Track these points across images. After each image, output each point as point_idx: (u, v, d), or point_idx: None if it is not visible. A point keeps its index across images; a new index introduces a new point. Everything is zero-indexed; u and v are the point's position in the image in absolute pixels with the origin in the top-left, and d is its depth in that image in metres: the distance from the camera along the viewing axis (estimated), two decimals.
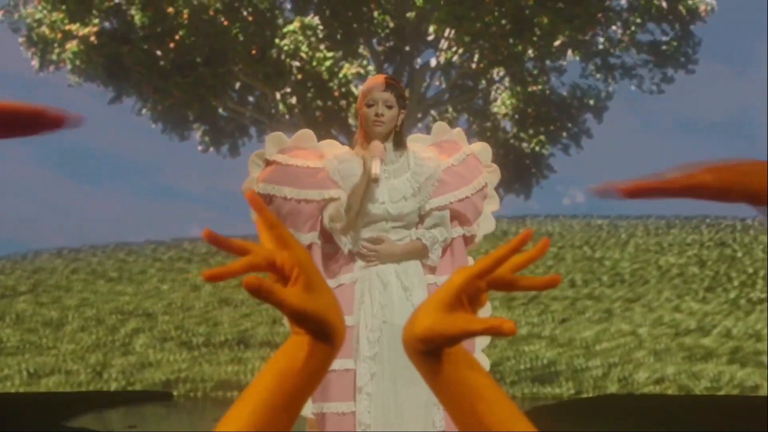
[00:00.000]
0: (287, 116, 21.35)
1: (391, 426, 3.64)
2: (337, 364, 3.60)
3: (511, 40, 20.54)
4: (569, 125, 23.68)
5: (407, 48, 22.19)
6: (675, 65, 23.16)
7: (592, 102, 23.75)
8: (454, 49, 21.27)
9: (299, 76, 20.42)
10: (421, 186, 3.80)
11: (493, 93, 23.95)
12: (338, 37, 21.46)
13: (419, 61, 22.40)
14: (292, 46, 20.09)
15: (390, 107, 3.73)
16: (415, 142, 3.95)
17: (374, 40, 22.40)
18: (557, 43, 21.74)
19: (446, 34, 20.95)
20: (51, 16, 20.85)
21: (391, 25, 21.88)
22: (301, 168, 3.75)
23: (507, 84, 23.58)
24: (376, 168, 3.62)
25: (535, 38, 20.70)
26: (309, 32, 20.28)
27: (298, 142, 3.83)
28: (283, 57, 20.21)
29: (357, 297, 3.72)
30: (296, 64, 20.32)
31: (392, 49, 22.46)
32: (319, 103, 20.88)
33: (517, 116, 23.69)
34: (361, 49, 22.52)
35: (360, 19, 21.67)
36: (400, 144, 3.84)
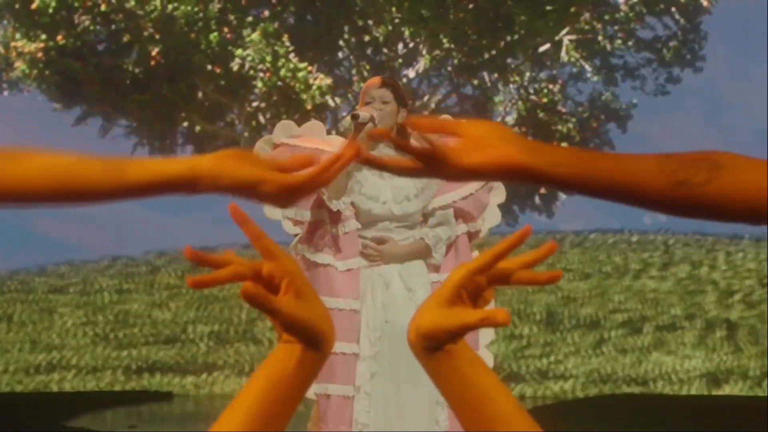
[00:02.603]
0: (263, 133, 19.47)
1: (391, 426, 3.64)
2: (344, 347, 3.64)
3: (486, 41, 19.47)
4: (588, 136, 22.07)
5: (387, 53, 21.05)
6: (680, 63, 21.65)
7: (603, 111, 22.14)
8: (435, 53, 20.07)
9: (263, 89, 18.97)
10: (425, 186, 3.80)
11: (509, 105, 22.58)
12: (315, 46, 20.12)
13: (407, 70, 21.14)
14: (257, 57, 18.71)
15: (386, 103, 3.75)
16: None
17: (369, 50, 21.36)
18: (545, 47, 20.61)
19: (423, 38, 19.88)
20: (6, 33, 19.56)
21: (380, 33, 20.83)
22: (308, 148, 3.77)
23: (516, 94, 22.33)
24: (365, 111, 3.65)
25: (512, 37, 19.56)
26: (272, 41, 18.84)
27: (307, 132, 3.85)
28: (246, 68, 18.86)
29: (361, 289, 3.72)
30: (261, 75, 18.90)
31: (384, 57, 21.24)
32: (286, 117, 19.26)
33: (517, 128, 22.34)
34: (348, 61, 21.53)
35: (351, 28, 20.80)
36: None
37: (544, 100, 21.83)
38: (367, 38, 21.07)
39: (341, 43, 21.17)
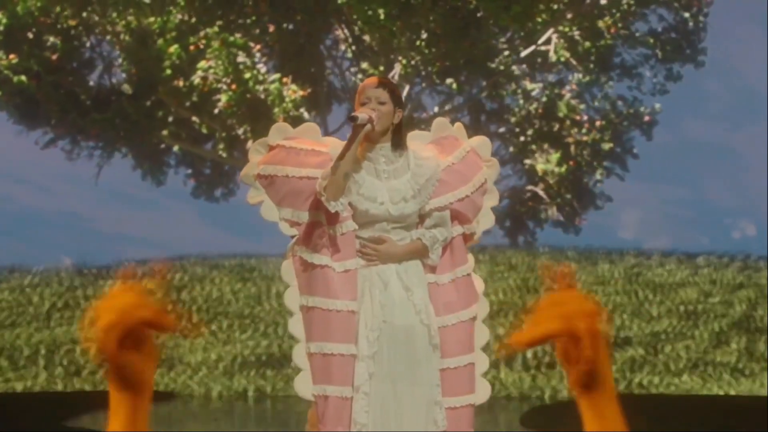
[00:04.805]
0: (237, 149, 18.75)
1: (390, 426, 3.65)
2: (341, 348, 3.65)
3: (456, 40, 18.49)
4: (605, 146, 20.69)
5: (370, 57, 20.05)
6: (681, 59, 20.29)
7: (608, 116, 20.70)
8: (409, 58, 18.97)
9: (229, 102, 17.92)
10: (422, 187, 3.81)
11: (518, 113, 21.40)
12: (297, 56, 19.27)
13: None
14: (219, 70, 17.77)
15: (383, 103, 3.75)
16: (414, 139, 3.95)
17: (353, 57, 20.74)
18: (530, 49, 19.84)
19: (381, 39, 18.94)
20: None
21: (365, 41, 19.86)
22: (305, 150, 3.79)
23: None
24: (363, 113, 3.66)
25: (482, 36, 18.71)
26: (234, 50, 17.88)
27: (302, 134, 3.87)
28: (210, 80, 17.94)
29: (359, 289, 3.73)
30: (224, 88, 17.94)
31: (366, 65, 20.03)
32: (252, 132, 18.15)
33: (517, 137, 20.99)
34: (348, 73, 20.85)
35: (336, 36, 20.29)
36: (399, 144, 3.84)
37: (556, 108, 20.81)
38: (350, 46, 20.60)
39: (325, 52, 20.71)
